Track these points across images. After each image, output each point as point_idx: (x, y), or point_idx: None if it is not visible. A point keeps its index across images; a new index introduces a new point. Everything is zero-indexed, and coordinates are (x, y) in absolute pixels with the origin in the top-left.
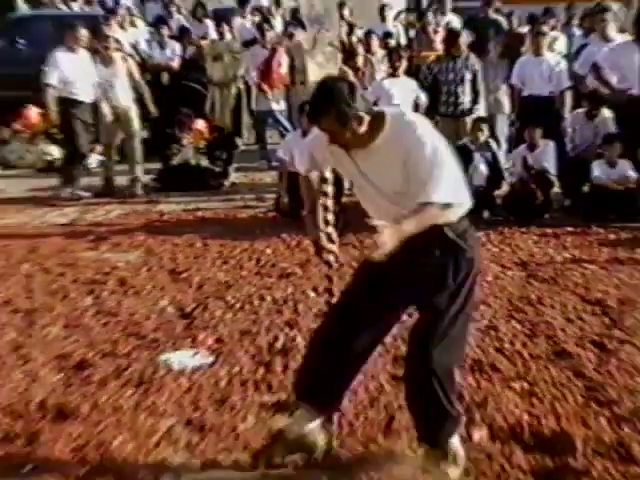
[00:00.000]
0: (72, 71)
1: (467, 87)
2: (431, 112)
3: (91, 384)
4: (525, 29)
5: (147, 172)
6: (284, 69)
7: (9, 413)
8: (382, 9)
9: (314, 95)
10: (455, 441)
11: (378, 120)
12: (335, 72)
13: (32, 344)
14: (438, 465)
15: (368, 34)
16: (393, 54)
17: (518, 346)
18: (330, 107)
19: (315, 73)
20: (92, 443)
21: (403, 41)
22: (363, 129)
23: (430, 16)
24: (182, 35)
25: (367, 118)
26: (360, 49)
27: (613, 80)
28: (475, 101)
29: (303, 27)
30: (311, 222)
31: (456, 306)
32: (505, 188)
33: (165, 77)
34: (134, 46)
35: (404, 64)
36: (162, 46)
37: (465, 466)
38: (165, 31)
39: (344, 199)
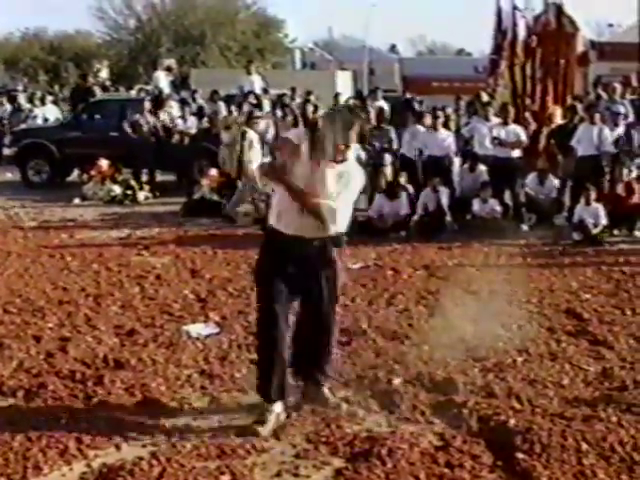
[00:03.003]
0: None
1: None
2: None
3: (137, 345)
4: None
5: (176, 204)
6: None
7: (83, 363)
8: (336, 96)
9: (349, 110)
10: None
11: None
12: None
13: (98, 318)
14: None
15: None
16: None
17: (422, 322)
18: (364, 121)
19: None
20: (138, 385)
21: None
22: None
23: (369, 100)
24: (200, 112)
25: None
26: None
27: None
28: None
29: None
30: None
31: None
32: (416, 217)
33: (186, 139)
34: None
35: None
36: (184, 118)
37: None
38: (187, 109)
39: None
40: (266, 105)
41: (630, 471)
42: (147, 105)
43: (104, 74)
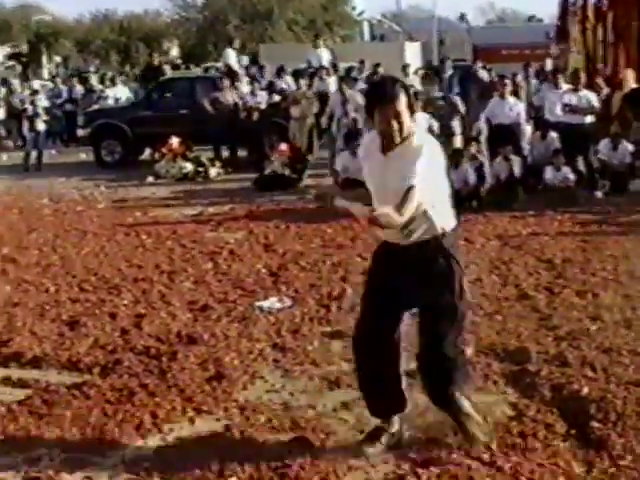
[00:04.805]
0: None
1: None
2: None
3: (210, 320)
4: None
5: (248, 180)
6: None
7: (157, 339)
8: (404, 67)
9: (385, 81)
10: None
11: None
12: None
13: (172, 294)
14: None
15: None
16: (414, 97)
17: (495, 292)
18: (405, 90)
19: None
20: (211, 359)
21: (420, 88)
22: (409, 129)
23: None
24: (270, 87)
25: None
26: None
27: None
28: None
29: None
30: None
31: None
32: (487, 186)
33: (255, 115)
34: (241, 97)
35: (420, 104)
36: (254, 94)
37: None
38: (257, 85)
39: None
40: (332, 79)
41: None
42: (226, 82)
43: (174, 52)
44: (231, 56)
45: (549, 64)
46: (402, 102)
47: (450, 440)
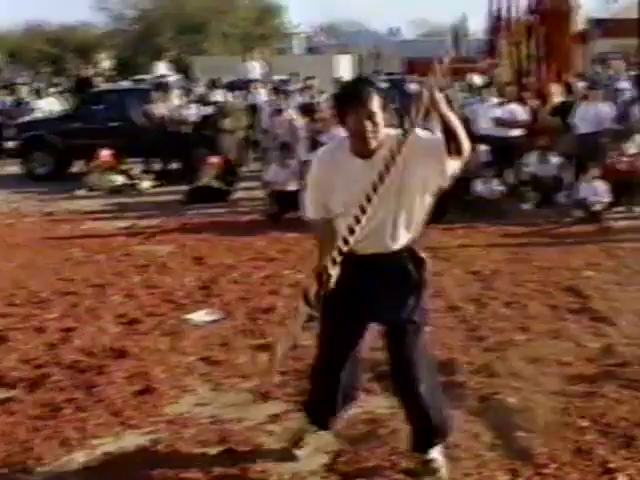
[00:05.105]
0: None
1: None
2: None
3: (139, 334)
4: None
5: (179, 192)
6: None
7: (85, 353)
8: (336, 80)
9: (358, 81)
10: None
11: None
12: None
13: (102, 307)
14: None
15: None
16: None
17: None
18: (378, 91)
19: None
20: (140, 373)
21: None
22: (382, 133)
23: None
24: (202, 100)
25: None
26: (323, 106)
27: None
28: None
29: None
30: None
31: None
32: None
33: (187, 127)
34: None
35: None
36: (186, 107)
37: None
38: (189, 97)
39: None
40: (264, 92)
41: (629, 447)
42: (157, 95)
43: (106, 65)
44: (162, 69)
45: (475, 79)
46: (375, 102)
47: (379, 451)
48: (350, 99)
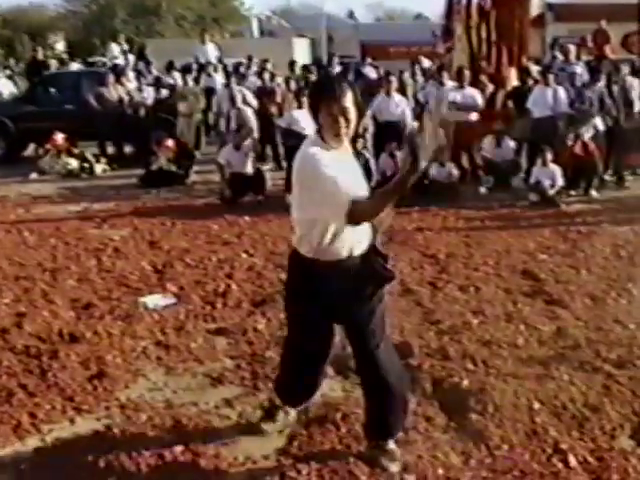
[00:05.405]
0: None
1: None
2: None
3: (93, 318)
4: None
5: (134, 176)
6: None
7: (38, 338)
8: (292, 64)
9: (334, 78)
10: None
11: None
12: None
13: (55, 292)
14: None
15: (286, 80)
16: (300, 93)
17: None
18: (352, 87)
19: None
20: (93, 358)
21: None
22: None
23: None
24: (157, 83)
25: None
26: (278, 90)
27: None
28: None
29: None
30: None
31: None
32: (373, 183)
33: (141, 111)
34: (127, 92)
35: (307, 100)
36: (140, 90)
37: None
38: (143, 81)
39: None
40: (219, 75)
41: (580, 427)
42: (111, 77)
43: (60, 47)
44: (115, 51)
45: (425, 62)
46: (349, 98)
47: (332, 435)
48: (324, 94)
